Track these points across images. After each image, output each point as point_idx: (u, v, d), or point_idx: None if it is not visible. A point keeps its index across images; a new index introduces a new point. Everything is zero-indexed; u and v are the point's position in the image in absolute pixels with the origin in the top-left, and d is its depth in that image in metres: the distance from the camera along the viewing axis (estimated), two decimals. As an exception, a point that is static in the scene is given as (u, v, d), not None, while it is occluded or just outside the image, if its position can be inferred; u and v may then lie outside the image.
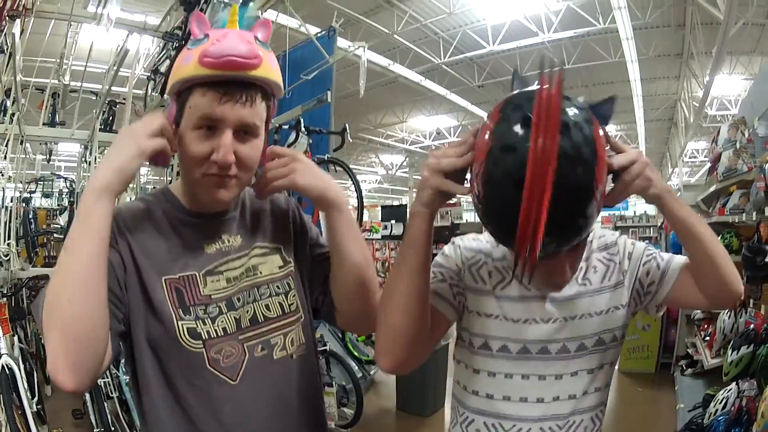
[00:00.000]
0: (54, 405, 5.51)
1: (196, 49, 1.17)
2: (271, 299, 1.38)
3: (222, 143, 1.20)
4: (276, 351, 1.35)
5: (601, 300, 1.45)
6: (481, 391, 1.47)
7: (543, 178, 0.95)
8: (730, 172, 4.92)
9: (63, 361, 1.04)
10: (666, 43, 12.94)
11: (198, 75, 1.17)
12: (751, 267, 4.24)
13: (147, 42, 6.44)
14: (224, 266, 1.35)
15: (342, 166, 5.49)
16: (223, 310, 1.30)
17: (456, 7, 11.97)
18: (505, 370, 1.44)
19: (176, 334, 1.24)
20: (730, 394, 3.78)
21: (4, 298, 4.57)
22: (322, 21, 7.89)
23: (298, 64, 6.33)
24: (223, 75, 1.17)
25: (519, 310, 1.43)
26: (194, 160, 1.23)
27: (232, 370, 1.28)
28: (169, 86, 1.25)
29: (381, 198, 42.44)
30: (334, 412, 5.12)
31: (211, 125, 1.20)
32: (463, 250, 1.52)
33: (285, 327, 1.39)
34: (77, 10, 5.61)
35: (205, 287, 1.31)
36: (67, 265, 1.09)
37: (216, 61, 1.15)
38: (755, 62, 13.33)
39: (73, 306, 1.04)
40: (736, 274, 1.35)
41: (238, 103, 1.20)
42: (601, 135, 1.08)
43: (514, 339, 1.43)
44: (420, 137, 25.49)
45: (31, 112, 7.85)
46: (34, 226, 9.14)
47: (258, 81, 1.24)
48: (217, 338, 1.28)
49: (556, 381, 1.43)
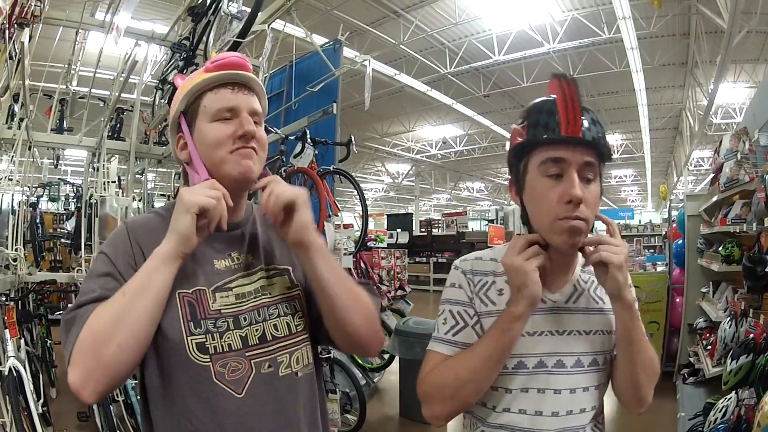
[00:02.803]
0: (59, 407, 5.55)
1: (197, 71, 1.49)
2: (279, 319, 1.44)
3: (243, 118, 1.41)
4: (281, 369, 1.40)
5: (611, 319, 1.49)
6: (499, 406, 1.50)
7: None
8: (732, 182, 4.92)
9: (93, 387, 1.18)
10: (670, 52, 12.99)
11: (207, 78, 1.42)
12: (751, 277, 4.25)
13: (155, 49, 6.48)
14: (233, 283, 1.42)
15: (347, 177, 5.53)
16: (230, 326, 1.36)
17: (462, 17, 12.06)
18: (521, 385, 1.47)
19: (185, 349, 1.30)
20: (729, 402, 3.78)
21: (12, 302, 4.60)
22: (328, 30, 7.96)
23: (304, 75, 6.38)
24: (225, 75, 1.42)
25: (531, 323, 1.44)
26: (219, 142, 1.39)
27: (237, 383, 1.33)
28: (175, 109, 1.47)
29: (387, 206, 42.44)
30: (338, 418, 5.14)
31: (227, 116, 1.41)
32: (469, 277, 1.56)
33: (291, 346, 1.44)
34: (86, 18, 5.67)
35: (214, 302, 1.37)
36: (124, 310, 1.21)
37: (222, 62, 1.42)
38: (759, 70, 13.37)
39: (121, 352, 1.19)
40: (648, 395, 1.50)
41: (245, 94, 1.45)
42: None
43: (529, 354, 1.46)
44: (426, 146, 25.57)
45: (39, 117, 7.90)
46: (41, 231, 9.17)
47: (252, 81, 1.48)
48: (223, 353, 1.33)
49: (570, 395, 1.45)
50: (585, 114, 1.36)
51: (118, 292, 1.23)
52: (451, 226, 21.40)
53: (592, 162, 1.36)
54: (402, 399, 6.29)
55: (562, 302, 1.49)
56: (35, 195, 9.31)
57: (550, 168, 1.36)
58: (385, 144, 24.15)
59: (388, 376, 7.50)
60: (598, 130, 1.37)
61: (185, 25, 5.25)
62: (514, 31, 12.59)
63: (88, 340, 1.17)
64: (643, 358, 1.43)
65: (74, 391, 1.17)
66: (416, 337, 5.91)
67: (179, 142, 1.47)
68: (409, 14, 12.04)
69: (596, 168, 1.37)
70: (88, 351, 1.17)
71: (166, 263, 1.26)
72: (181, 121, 1.46)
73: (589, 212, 1.35)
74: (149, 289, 1.23)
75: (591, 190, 1.35)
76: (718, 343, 4.68)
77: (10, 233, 5.08)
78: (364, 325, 1.44)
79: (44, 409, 4.74)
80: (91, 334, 1.18)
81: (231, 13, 4.19)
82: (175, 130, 1.49)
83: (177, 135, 1.48)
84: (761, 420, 2.88)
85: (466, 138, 23.71)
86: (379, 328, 1.53)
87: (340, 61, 6.12)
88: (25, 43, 4.10)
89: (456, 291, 1.55)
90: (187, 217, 1.25)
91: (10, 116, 6.09)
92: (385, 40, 12.86)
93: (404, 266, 16.49)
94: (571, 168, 1.34)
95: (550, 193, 1.35)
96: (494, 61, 13.93)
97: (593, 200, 1.36)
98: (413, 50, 13.64)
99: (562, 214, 1.33)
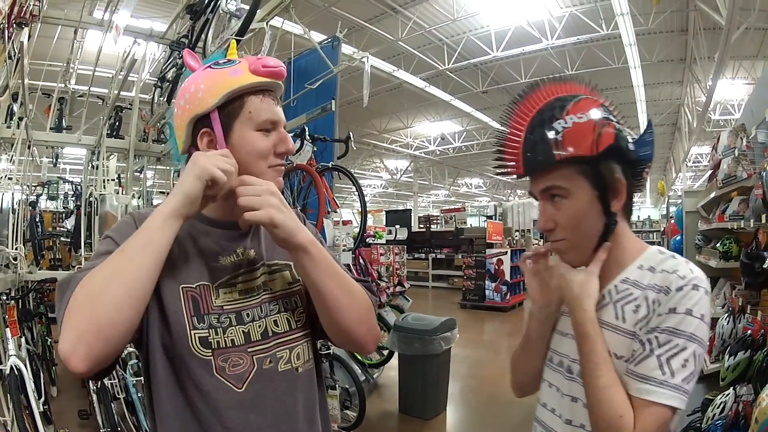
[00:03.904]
0: (60, 406, 5.56)
1: (238, 66, 1.39)
2: (279, 315, 1.44)
3: (286, 136, 1.45)
4: (281, 364, 1.40)
5: (624, 342, 1.33)
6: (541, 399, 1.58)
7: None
8: (730, 178, 4.93)
9: (85, 351, 1.08)
10: (669, 48, 13.00)
11: (254, 82, 1.38)
12: (749, 273, 4.27)
13: (153, 47, 6.48)
14: (237, 279, 1.42)
15: (346, 174, 5.54)
16: (233, 322, 1.36)
17: (460, 13, 12.06)
18: (557, 383, 1.50)
19: (189, 343, 1.30)
20: (727, 399, 3.79)
21: (13, 300, 4.61)
22: (326, 27, 7.96)
23: (303, 73, 6.38)
24: (271, 83, 1.41)
25: (562, 322, 1.50)
26: (261, 155, 1.39)
27: (238, 378, 1.33)
28: (213, 100, 1.36)
29: (386, 203, 42.43)
30: (338, 414, 5.16)
31: (269, 128, 1.41)
32: None
33: (291, 342, 1.44)
34: (84, 17, 5.67)
35: (218, 298, 1.37)
36: (120, 267, 1.17)
37: (274, 70, 1.40)
38: (758, 66, 13.38)
39: (116, 310, 1.12)
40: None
41: (281, 106, 1.47)
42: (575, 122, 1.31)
43: (556, 351, 1.51)
44: (425, 142, 25.56)
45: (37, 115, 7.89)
46: (41, 229, 9.16)
47: (281, 91, 1.49)
48: (226, 348, 1.33)
49: (571, 403, 1.43)
50: (528, 138, 1.35)
51: (116, 250, 1.19)
52: (449, 222, 21.41)
53: (550, 185, 1.35)
54: (401, 395, 6.31)
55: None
56: (35, 194, 9.31)
57: (533, 197, 1.43)
58: (384, 140, 24.15)
59: (387, 372, 7.53)
60: (541, 150, 1.32)
61: (184, 23, 5.25)
62: (512, 27, 12.59)
63: (79, 299, 1.12)
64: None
65: (63, 359, 1.08)
66: (415, 333, 5.93)
67: (203, 138, 1.39)
68: (407, 10, 12.03)
69: (563, 184, 1.33)
70: (79, 310, 1.11)
71: (168, 222, 1.22)
72: (214, 116, 1.37)
73: (565, 231, 1.36)
74: (149, 246, 1.19)
75: (563, 209, 1.35)
76: (716, 340, 4.69)
77: (10, 232, 5.08)
78: (358, 324, 1.43)
79: (45, 408, 4.74)
80: (83, 293, 1.12)
81: (229, 10, 4.19)
82: (200, 123, 1.39)
83: (202, 130, 1.38)
84: (759, 416, 2.89)
85: (464, 134, 23.70)
86: (375, 325, 1.51)
87: (338, 58, 6.14)
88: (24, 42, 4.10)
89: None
90: (198, 183, 1.23)
91: (9, 115, 6.09)
92: (384, 37, 12.85)
93: (403, 262, 16.53)
94: (539, 198, 1.40)
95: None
96: (492, 57, 13.92)
97: (565, 218, 1.35)
98: (411, 46, 13.62)
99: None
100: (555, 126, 1.31)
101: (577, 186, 1.32)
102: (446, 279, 19.45)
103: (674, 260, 1.33)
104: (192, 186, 1.24)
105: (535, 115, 1.35)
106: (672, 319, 1.23)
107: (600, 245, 1.36)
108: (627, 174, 1.34)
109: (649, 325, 1.27)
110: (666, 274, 1.29)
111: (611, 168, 1.32)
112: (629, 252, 1.40)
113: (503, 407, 6.66)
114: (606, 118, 1.32)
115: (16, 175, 6.24)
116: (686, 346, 1.21)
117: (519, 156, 1.36)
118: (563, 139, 1.30)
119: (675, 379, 1.20)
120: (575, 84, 1.42)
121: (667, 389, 1.20)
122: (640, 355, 1.25)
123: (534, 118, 1.35)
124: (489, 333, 12.20)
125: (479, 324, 12.81)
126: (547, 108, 1.35)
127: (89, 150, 7.12)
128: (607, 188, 1.32)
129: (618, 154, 1.32)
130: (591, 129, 1.30)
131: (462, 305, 14.98)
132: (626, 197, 1.35)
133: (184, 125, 1.39)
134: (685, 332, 1.21)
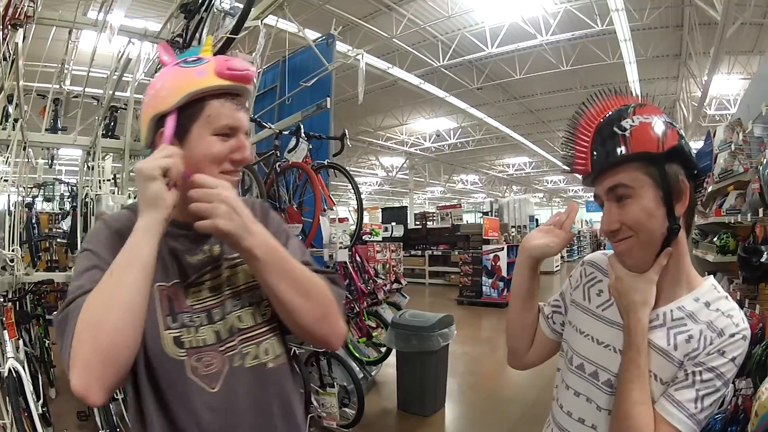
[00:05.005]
0: (58, 408, 5.54)
1: (204, 66, 1.37)
2: (243, 311, 1.43)
3: (244, 144, 1.42)
4: (248, 360, 1.40)
5: (669, 369, 1.37)
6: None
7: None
8: (727, 173, 4.94)
9: (97, 381, 1.11)
10: (664, 44, 13.00)
11: (218, 85, 1.36)
12: (746, 267, 4.27)
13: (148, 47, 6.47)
14: (205, 276, 1.43)
15: (342, 171, 5.54)
16: (203, 321, 1.37)
17: (454, 10, 12.05)
18: (576, 387, 1.54)
19: (162, 344, 1.31)
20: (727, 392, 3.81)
21: (10, 302, 4.60)
22: (321, 25, 7.94)
23: (298, 70, 6.39)
24: (235, 86, 1.38)
25: (609, 335, 1.49)
26: (216, 160, 1.37)
27: (211, 378, 1.33)
28: (173, 100, 1.34)
29: (381, 200, 42.45)
30: (336, 412, 5.16)
31: (227, 132, 1.38)
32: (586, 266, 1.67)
33: (258, 337, 1.43)
34: (78, 17, 5.65)
35: (187, 297, 1.38)
36: (113, 291, 1.17)
37: (239, 74, 1.37)
38: (753, 61, 13.38)
39: (118, 334, 1.13)
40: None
41: (245, 112, 1.44)
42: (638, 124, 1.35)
43: (600, 365, 1.49)
44: (420, 139, 25.57)
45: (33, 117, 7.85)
46: (37, 231, 9.14)
47: (248, 95, 1.47)
48: (198, 348, 1.34)
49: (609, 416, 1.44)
50: (597, 136, 1.39)
51: (105, 275, 1.19)
52: (446, 218, 21.40)
53: (617, 184, 1.36)
54: (400, 392, 6.31)
55: None
56: (31, 195, 9.28)
57: (597, 201, 1.44)
58: (379, 137, 24.12)
59: (385, 369, 7.53)
60: (610, 147, 1.36)
61: (178, 22, 5.24)
62: (506, 24, 12.57)
63: (82, 333, 1.12)
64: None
65: (80, 395, 1.10)
66: (413, 329, 5.94)
67: (159, 136, 1.37)
68: (401, 8, 12.01)
69: (630, 183, 1.35)
70: (84, 344, 1.11)
71: (147, 234, 1.22)
72: (171, 117, 1.35)
73: (631, 230, 1.37)
74: (134, 262, 1.19)
75: (628, 208, 1.36)
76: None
77: (6, 234, 5.07)
78: (317, 324, 1.41)
79: (44, 410, 4.74)
80: (85, 326, 1.13)
81: (224, 9, 4.19)
82: (161, 121, 1.37)
83: (161, 128, 1.36)
84: (759, 409, 2.89)
85: (459, 131, 23.69)
86: (337, 322, 1.47)
87: (333, 56, 6.13)
88: (18, 43, 4.09)
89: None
90: (154, 183, 1.23)
91: (4, 117, 6.07)
92: (378, 34, 12.83)
93: (400, 259, 16.57)
94: (604, 199, 1.41)
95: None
96: (487, 54, 13.89)
97: (631, 217, 1.36)
98: (406, 44, 13.60)
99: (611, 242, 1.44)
100: (623, 124, 1.35)
101: (643, 186, 1.34)
102: (443, 276, 19.42)
103: (728, 303, 1.38)
104: (151, 189, 1.24)
105: (604, 118, 1.39)
106: (718, 361, 1.30)
107: (662, 251, 1.37)
108: (689, 180, 1.36)
109: (697, 358, 1.32)
110: (722, 317, 1.34)
111: (675, 170, 1.34)
112: (687, 277, 1.44)
113: (502, 403, 6.68)
114: (669, 122, 1.36)
115: (12, 176, 6.22)
116: (720, 389, 1.30)
117: (587, 154, 1.39)
118: (631, 136, 1.34)
119: (701, 415, 1.29)
120: (636, 98, 1.46)
121: (693, 423, 1.29)
122: (681, 383, 1.32)
123: (602, 120, 1.39)
124: (486, 329, 12.20)
125: (476, 320, 12.82)
126: (615, 111, 1.39)
127: (85, 150, 7.08)
128: (671, 190, 1.34)
129: (681, 158, 1.35)
130: (657, 128, 1.34)
131: (459, 302, 14.97)
132: (689, 204, 1.37)
133: (147, 120, 1.39)
134: (725, 377, 1.30)
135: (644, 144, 1.32)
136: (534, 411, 6.13)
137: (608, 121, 1.38)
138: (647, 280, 1.38)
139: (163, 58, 1.46)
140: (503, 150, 27.83)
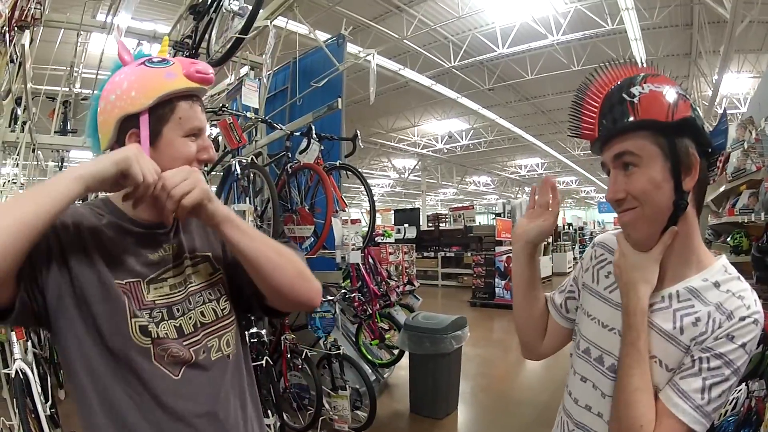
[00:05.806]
0: (68, 408, 5.55)
1: (172, 68, 1.42)
2: (205, 306, 1.49)
3: (210, 143, 1.49)
4: (212, 353, 1.46)
5: (674, 353, 1.32)
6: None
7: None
8: (739, 172, 4.91)
9: None
10: (674, 42, 12.94)
11: (188, 87, 1.42)
12: (760, 267, 4.23)
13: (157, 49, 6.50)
14: (167, 273, 1.45)
15: (354, 172, 5.53)
16: (164, 317, 1.40)
17: (465, 11, 12.04)
18: (582, 373, 1.52)
19: (129, 330, 1.32)
20: (740, 394, 3.76)
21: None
22: (331, 26, 7.95)
23: (308, 71, 6.39)
24: (200, 89, 1.46)
25: (615, 318, 1.43)
26: (187, 161, 1.41)
27: (174, 366, 1.38)
28: (146, 101, 1.37)
29: (394, 202, 42.46)
30: (348, 415, 5.16)
31: (195, 133, 1.45)
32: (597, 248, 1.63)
33: (220, 330, 1.50)
34: (86, 20, 5.69)
35: (149, 294, 1.40)
36: (15, 201, 1.26)
37: (206, 76, 1.44)
38: (763, 60, 13.31)
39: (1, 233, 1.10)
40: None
41: (203, 111, 1.50)
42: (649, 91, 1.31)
43: (605, 349, 1.46)
44: (432, 141, 25.53)
45: (42, 119, 7.90)
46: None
47: (204, 94, 1.54)
48: (162, 339, 1.37)
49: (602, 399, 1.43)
50: (606, 102, 1.36)
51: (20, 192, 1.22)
52: (458, 220, 21.38)
53: (624, 151, 1.32)
54: (412, 394, 6.29)
55: None
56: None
57: (605, 170, 1.40)
58: (391, 139, 24.15)
59: (398, 372, 7.51)
60: (617, 113, 1.33)
61: (187, 24, 5.26)
62: (517, 24, 12.55)
63: None
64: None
65: None
66: (425, 332, 5.91)
67: (131, 138, 1.38)
68: (411, 9, 12.01)
69: (637, 151, 1.31)
70: None
71: (71, 180, 1.20)
72: (144, 118, 1.37)
73: (636, 201, 1.32)
74: (46, 193, 1.18)
75: (634, 177, 1.31)
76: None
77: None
78: (298, 279, 1.47)
79: (52, 411, 4.75)
80: None
81: (233, 10, 4.21)
82: (128, 123, 1.38)
83: (132, 130, 1.38)
84: (772, 411, 2.87)
85: (471, 132, 23.67)
86: (313, 278, 1.52)
87: (343, 56, 6.13)
88: (25, 46, 4.12)
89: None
90: (113, 169, 1.23)
91: (13, 119, 6.11)
92: (389, 35, 12.83)
93: (412, 261, 16.58)
94: (610, 167, 1.37)
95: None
96: (498, 54, 13.86)
97: (637, 187, 1.31)
98: (417, 45, 13.60)
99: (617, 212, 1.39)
100: (632, 91, 1.31)
101: (651, 155, 1.30)
102: (456, 277, 19.39)
103: (740, 283, 1.32)
104: (106, 168, 1.24)
105: (615, 85, 1.37)
106: (727, 347, 1.23)
107: (667, 228, 1.32)
108: (701, 155, 1.31)
109: (704, 343, 1.26)
110: (732, 298, 1.28)
111: (686, 143, 1.30)
112: (697, 257, 1.37)
113: (514, 406, 6.65)
114: (682, 94, 1.31)
115: (22, 179, 6.26)
116: (729, 378, 1.22)
117: (595, 120, 1.37)
118: (639, 103, 1.30)
119: (709, 407, 1.22)
120: (653, 68, 1.42)
121: (699, 415, 1.22)
122: (687, 370, 1.26)
123: (613, 87, 1.37)
124: (499, 331, 12.16)
125: (489, 322, 12.77)
126: (626, 79, 1.36)
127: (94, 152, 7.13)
128: (680, 162, 1.29)
129: (693, 131, 1.30)
130: (668, 97, 1.30)
131: (472, 303, 14.94)
132: (698, 178, 1.31)
133: (113, 122, 1.39)
134: (735, 365, 1.23)
135: (653, 112, 1.29)
136: (546, 414, 6.08)
137: (618, 87, 1.35)
138: (650, 258, 1.33)
139: (124, 58, 1.49)
140: (515, 151, 27.76)
